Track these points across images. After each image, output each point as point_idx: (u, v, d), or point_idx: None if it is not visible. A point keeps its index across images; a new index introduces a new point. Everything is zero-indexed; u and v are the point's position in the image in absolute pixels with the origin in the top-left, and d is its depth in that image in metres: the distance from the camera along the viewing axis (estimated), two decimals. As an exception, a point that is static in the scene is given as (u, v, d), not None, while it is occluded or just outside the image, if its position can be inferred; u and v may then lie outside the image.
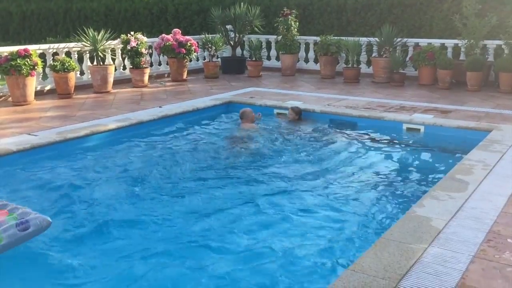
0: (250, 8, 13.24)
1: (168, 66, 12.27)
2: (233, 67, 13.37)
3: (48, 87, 10.12)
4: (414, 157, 6.62)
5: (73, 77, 9.84)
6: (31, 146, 6.19)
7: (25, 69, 8.83)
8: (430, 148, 6.99)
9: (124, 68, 11.66)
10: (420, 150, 6.91)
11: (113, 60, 11.30)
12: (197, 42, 12.31)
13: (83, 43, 10.49)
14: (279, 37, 13.07)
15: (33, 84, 9.19)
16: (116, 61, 11.43)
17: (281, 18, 12.85)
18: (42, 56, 10.00)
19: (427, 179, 5.69)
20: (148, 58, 11.67)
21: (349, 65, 12.11)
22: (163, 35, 11.92)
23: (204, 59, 13.44)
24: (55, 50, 10.38)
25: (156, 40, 12.08)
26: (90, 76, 10.60)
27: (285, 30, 12.74)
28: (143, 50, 11.03)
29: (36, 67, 9.05)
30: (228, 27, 13.46)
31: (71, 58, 10.24)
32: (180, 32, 12.03)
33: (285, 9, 12.96)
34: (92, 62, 10.74)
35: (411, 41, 12.05)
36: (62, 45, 10.64)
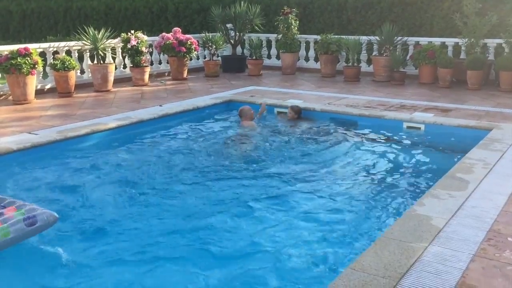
0: (250, 6, 13.24)
1: (169, 64, 12.28)
2: (234, 66, 13.37)
3: (48, 86, 10.13)
4: (414, 156, 6.61)
5: (73, 76, 9.84)
6: (31, 145, 6.20)
7: (25, 68, 8.84)
8: (430, 147, 6.98)
9: (125, 66, 11.66)
10: (420, 149, 6.90)
11: (114, 58, 11.30)
12: (198, 40, 12.31)
13: (84, 41, 10.49)
14: (280, 36, 13.06)
15: (33, 82, 9.19)
16: (117, 60, 11.43)
17: (281, 17, 12.84)
18: (43, 54, 10.00)
19: (427, 178, 5.68)
20: (148, 56, 11.68)
21: (350, 64, 12.11)
22: (164, 33, 11.92)
23: (205, 57, 13.45)
24: (55, 49, 10.39)
25: (156, 38, 12.09)
26: (90, 75, 10.61)
27: (285, 29, 12.73)
28: (144, 49, 11.04)
29: (36, 66, 9.06)
30: (229, 25, 13.46)
31: (71, 56, 10.24)
32: (181, 30, 12.02)
33: (285, 8, 12.95)
34: (92, 60, 10.75)
35: (412, 40, 12.04)
36: (63, 43, 10.65)
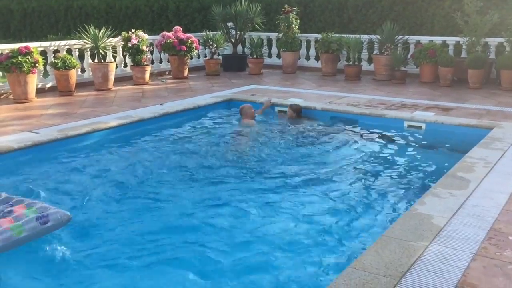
0: (251, 5, 13.24)
1: (169, 63, 12.27)
2: (234, 65, 13.37)
3: (49, 85, 10.13)
4: (415, 155, 6.61)
5: (74, 75, 9.84)
6: (32, 144, 6.19)
7: (26, 67, 8.84)
8: (431, 146, 6.98)
9: (125, 65, 11.66)
10: (421, 148, 6.90)
11: (114, 57, 11.29)
12: (198, 39, 12.31)
13: (84, 40, 10.48)
14: (280, 35, 13.06)
15: (34, 81, 9.19)
16: (117, 59, 11.42)
17: (282, 16, 12.84)
18: (43, 53, 10.01)
19: (428, 177, 5.68)
20: (149, 55, 11.68)
21: (350, 63, 12.09)
22: (164, 32, 11.91)
23: (205, 56, 13.44)
24: (56, 48, 10.38)
25: (157, 37, 12.09)
26: (91, 74, 10.61)
27: (286, 28, 12.72)
28: (144, 48, 11.03)
29: (37, 65, 9.06)
30: (229, 24, 13.46)
31: (72, 55, 10.24)
32: (181, 29, 12.02)
33: (286, 7, 12.94)
34: (93, 59, 10.75)
35: (413, 39, 12.03)
36: (63, 42, 10.65)
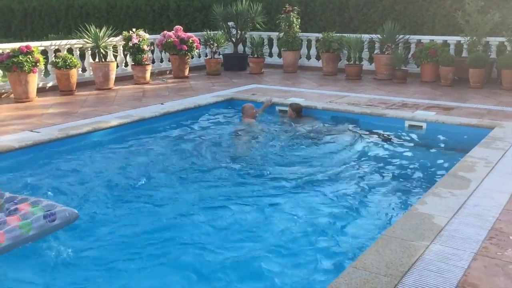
0: (252, 5, 13.23)
1: (170, 63, 12.27)
2: (235, 64, 13.36)
3: (50, 84, 10.14)
4: (416, 154, 6.61)
5: (75, 74, 9.84)
6: (33, 143, 6.20)
7: (27, 66, 8.84)
8: (432, 145, 6.97)
9: (126, 65, 11.66)
10: (422, 147, 6.89)
11: (115, 57, 11.29)
12: (199, 39, 12.30)
13: (85, 39, 10.49)
14: (281, 34, 13.05)
15: (35, 80, 9.20)
16: (118, 58, 11.43)
17: (283, 15, 12.83)
18: (44, 52, 10.01)
19: (429, 176, 5.68)
20: (150, 55, 11.67)
21: (351, 62, 12.08)
22: (165, 32, 11.91)
23: (206, 56, 13.44)
24: (57, 47, 10.39)
25: (158, 37, 12.08)
26: (92, 73, 10.61)
27: (287, 27, 12.71)
28: (145, 47, 11.04)
29: (38, 64, 9.07)
30: (230, 24, 13.46)
31: (73, 54, 10.24)
32: (182, 29, 12.02)
33: (287, 6, 12.93)
34: (94, 59, 10.75)
35: (414, 38, 12.02)
36: (64, 41, 10.66)
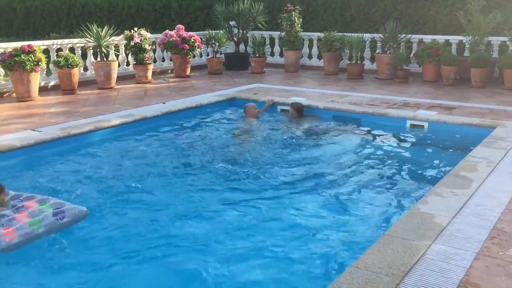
0: (253, 4, 13.22)
1: (172, 62, 12.27)
2: (237, 63, 13.36)
3: (52, 83, 10.15)
4: (417, 154, 6.60)
5: (76, 73, 9.85)
6: (35, 142, 6.21)
7: (29, 65, 8.85)
8: (434, 145, 6.97)
9: (128, 64, 11.67)
10: (423, 147, 6.89)
11: (117, 56, 11.30)
12: (201, 38, 12.30)
13: (87, 39, 10.49)
14: (283, 33, 13.05)
15: (37, 80, 9.21)
16: (120, 57, 11.43)
17: (284, 14, 12.83)
18: (46, 52, 10.02)
19: (430, 176, 5.67)
20: (151, 54, 11.68)
21: (353, 62, 12.08)
22: (167, 31, 11.91)
23: (208, 55, 13.43)
24: (58, 46, 10.39)
25: (159, 36, 12.09)
26: (93, 72, 10.62)
27: (288, 26, 12.71)
28: (147, 46, 11.04)
29: (40, 63, 9.08)
30: (232, 23, 13.46)
31: (74, 54, 10.26)
32: (184, 28, 12.02)
33: (288, 5, 12.93)
34: (95, 58, 10.76)
35: (415, 37, 12.01)
36: (66, 41, 10.66)
